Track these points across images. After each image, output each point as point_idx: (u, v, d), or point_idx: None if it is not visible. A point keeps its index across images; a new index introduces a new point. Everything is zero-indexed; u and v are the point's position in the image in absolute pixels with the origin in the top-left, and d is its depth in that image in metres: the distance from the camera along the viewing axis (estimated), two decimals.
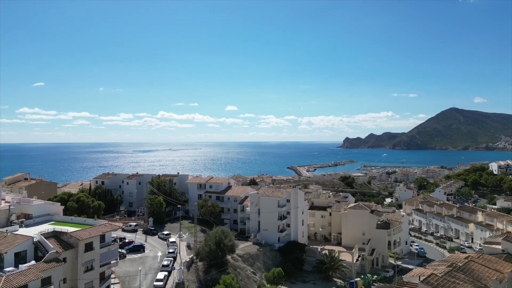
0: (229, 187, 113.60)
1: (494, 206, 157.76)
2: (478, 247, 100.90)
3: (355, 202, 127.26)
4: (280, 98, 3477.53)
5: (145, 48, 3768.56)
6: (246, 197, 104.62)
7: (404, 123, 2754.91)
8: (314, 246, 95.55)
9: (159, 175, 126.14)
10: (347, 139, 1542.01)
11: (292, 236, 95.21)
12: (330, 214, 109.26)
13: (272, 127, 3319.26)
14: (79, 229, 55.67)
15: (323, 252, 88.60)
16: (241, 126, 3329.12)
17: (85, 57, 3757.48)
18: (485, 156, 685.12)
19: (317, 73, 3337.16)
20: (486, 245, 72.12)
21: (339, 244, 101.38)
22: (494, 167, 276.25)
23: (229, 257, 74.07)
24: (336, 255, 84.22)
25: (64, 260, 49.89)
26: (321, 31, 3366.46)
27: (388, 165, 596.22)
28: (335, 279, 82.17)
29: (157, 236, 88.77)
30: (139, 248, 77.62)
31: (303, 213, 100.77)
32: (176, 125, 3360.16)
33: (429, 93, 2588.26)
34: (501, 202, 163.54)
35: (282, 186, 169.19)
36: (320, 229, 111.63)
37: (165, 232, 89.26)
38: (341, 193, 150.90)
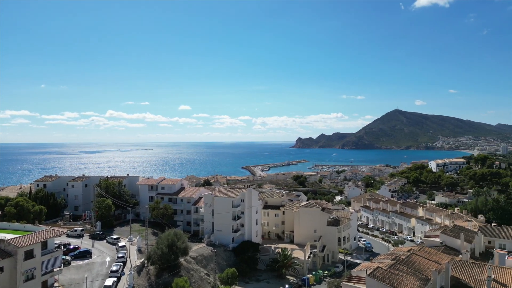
0: (182, 189, 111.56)
1: (433, 202, 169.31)
2: (419, 240, 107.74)
3: (307, 200, 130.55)
4: (235, 99, 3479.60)
5: (92, 45, 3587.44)
6: (200, 198, 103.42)
7: (353, 124, 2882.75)
8: (268, 245, 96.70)
9: (107, 177, 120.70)
10: (299, 139, 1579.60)
11: (246, 236, 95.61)
12: (283, 212, 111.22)
13: (227, 127, 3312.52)
14: (18, 236, 51.95)
15: (277, 250, 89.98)
16: (195, 126, 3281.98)
17: (25, 53, 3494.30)
18: (425, 155, 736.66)
19: (271, 75, 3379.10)
20: (426, 238, 77.49)
21: (292, 242, 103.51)
22: (433, 165, 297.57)
23: (182, 259, 72.73)
24: (289, 253, 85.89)
25: (1, 269, 46.17)
26: (274, 33, 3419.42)
27: (338, 164, 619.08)
28: (288, 277, 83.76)
29: (105, 241, 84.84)
30: (86, 254, 73.70)
31: (257, 213, 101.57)
32: (126, 125, 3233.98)
33: (375, 95, 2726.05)
34: (439, 198, 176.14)
35: (236, 186, 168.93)
36: (274, 228, 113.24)
37: (114, 236, 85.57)
38: (293, 192, 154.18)
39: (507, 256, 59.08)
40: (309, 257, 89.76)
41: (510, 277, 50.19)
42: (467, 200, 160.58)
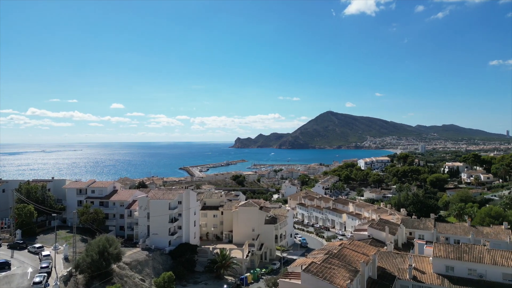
0: (114, 191, 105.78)
1: (362, 198, 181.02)
2: (350, 235, 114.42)
3: (246, 200, 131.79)
4: (172, 97, 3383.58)
5: (9, 36, 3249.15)
6: (134, 201, 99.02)
7: (289, 124, 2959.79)
8: (206, 246, 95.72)
9: (28, 180, 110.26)
10: (238, 139, 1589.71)
11: (184, 238, 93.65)
12: (222, 213, 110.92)
13: (163, 127, 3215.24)
14: None
15: (215, 251, 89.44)
16: (129, 125, 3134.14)
17: None
18: (354, 154, 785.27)
19: (210, 74, 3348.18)
20: (355, 232, 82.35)
21: (230, 242, 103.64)
22: (361, 163, 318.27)
23: (114, 266, 68.96)
24: (228, 253, 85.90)
25: None
26: (212, 32, 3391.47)
27: (275, 163, 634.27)
28: (226, 277, 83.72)
29: (26, 251, 77.29)
30: (4, 266, 66.40)
31: (195, 214, 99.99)
32: (51, 124, 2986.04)
33: (309, 97, 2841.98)
34: (367, 194, 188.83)
35: (173, 187, 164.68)
36: (212, 229, 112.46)
37: (37, 245, 78.32)
38: (232, 192, 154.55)
39: (425, 245, 65.11)
40: (247, 256, 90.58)
41: (428, 264, 55.42)
42: (391, 195, 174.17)
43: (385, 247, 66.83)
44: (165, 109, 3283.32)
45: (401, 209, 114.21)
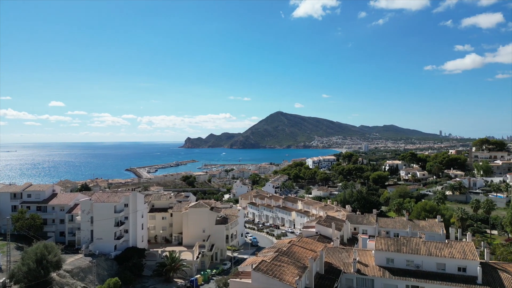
0: (54, 195, 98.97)
1: (310, 195, 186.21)
2: (299, 232, 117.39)
3: (196, 200, 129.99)
4: (117, 95, 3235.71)
5: None
6: (76, 205, 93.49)
7: (240, 124, 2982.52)
8: (154, 249, 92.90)
9: None
10: (188, 139, 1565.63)
11: (131, 242, 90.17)
12: (171, 215, 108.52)
13: (108, 126, 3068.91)
14: None
15: (164, 254, 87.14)
16: (70, 125, 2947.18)
17: None
18: (303, 153, 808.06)
19: (158, 72, 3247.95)
20: (304, 229, 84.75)
21: (180, 244, 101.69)
22: (309, 162, 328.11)
23: (54, 274, 64.58)
24: (177, 255, 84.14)
25: None
26: (160, 30, 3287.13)
27: (226, 163, 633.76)
28: (176, 280, 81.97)
29: None
30: None
31: (143, 217, 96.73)
32: None
33: (260, 97, 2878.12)
34: (315, 192, 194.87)
35: (119, 190, 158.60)
36: (161, 231, 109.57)
37: None
38: (182, 193, 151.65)
39: (368, 240, 68.66)
40: (197, 257, 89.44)
41: (371, 257, 58.50)
42: (337, 192, 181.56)
43: (332, 243, 69.46)
44: (110, 108, 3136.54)
45: (347, 206, 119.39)
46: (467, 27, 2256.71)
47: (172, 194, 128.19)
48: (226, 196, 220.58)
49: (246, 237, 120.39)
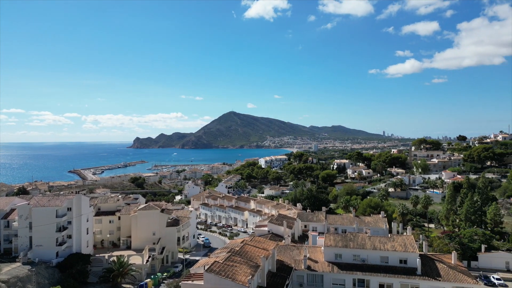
0: None
1: (262, 195, 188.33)
2: (251, 231, 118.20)
3: (146, 202, 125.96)
4: (59, 93, 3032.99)
5: None
6: (13, 210, 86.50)
7: (192, 124, 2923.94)
8: (101, 255, 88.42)
9: None
10: (137, 139, 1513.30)
11: (75, 248, 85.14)
12: (119, 218, 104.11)
13: (49, 126, 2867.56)
14: None
15: (111, 259, 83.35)
16: (5, 123, 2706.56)
17: None
18: (256, 153, 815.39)
19: (103, 69, 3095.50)
20: (256, 228, 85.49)
21: (129, 248, 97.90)
22: (262, 162, 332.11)
23: None
24: (125, 259, 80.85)
25: None
26: (106, 25, 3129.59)
27: (178, 163, 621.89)
28: (125, 285, 78.74)
29: None
30: None
31: (88, 221, 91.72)
32: None
33: (212, 97, 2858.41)
34: (267, 191, 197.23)
35: (62, 193, 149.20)
36: (108, 235, 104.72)
37: None
38: (131, 195, 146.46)
39: (318, 236, 70.80)
40: (147, 261, 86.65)
41: (320, 253, 60.39)
42: (288, 191, 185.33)
43: (283, 241, 70.76)
44: (50, 106, 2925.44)
45: (297, 204, 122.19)
46: (407, 34, 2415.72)
47: (120, 196, 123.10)
48: (178, 198, 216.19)
49: (198, 238, 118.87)
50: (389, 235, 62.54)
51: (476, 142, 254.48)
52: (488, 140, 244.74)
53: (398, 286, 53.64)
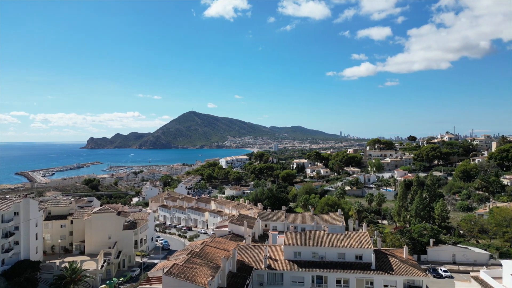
0: None
1: (223, 195, 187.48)
2: (212, 232, 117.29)
3: (101, 205, 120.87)
4: (4, 90, 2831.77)
5: None
6: None
7: (150, 124, 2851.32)
8: (52, 261, 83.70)
9: None
10: (91, 139, 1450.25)
11: (23, 254, 79.94)
12: (72, 222, 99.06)
13: None
14: None
15: (63, 265, 79.11)
16: None
17: None
18: (216, 153, 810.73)
19: (53, 65, 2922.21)
20: (217, 229, 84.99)
21: (82, 253, 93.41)
22: (223, 162, 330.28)
23: None
24: (78, 265, 77.08)
25: None
26: (58, 19, 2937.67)
27: (135, 164, 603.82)
28: None
29: None
30: None
31: (37, 226, 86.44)
32: None
33: (171, 96, 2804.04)
34: (228, 191, 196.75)
35: (7, 196, 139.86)
36: (60, 241, 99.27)
37: None
38: (85, 198, 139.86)
39: (278, 235, 71.67)
40: (102, 266, 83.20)
41: (280, 252, 61.15)
42: (249, 191, 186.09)
43: (244, 241, 70.88)
44: None
45: (258, 204, 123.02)
46: (362, 38, 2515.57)
47: (72, 199, 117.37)
48: (135, 200, 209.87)
49: (157, 241, 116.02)
50: (346, 232, 64.64)
51: (425, 142, 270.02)
52: (436, 140, 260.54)
53: (354, 281, 55.60)
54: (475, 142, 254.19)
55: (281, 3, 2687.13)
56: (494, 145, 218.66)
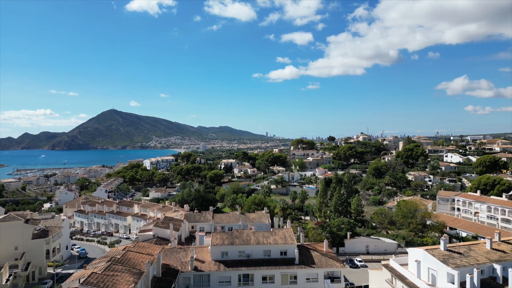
0: None
1: (147, 198, 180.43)
2: (135, 237, 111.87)
3: (6, 213, 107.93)
4: None
5: None
6: None
7: (65, 123, 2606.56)
8: None
9: None
10: None
11: None
12: None
13: None
14: None
15: None
16: None
17: None
18: (140, 154, 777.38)
19: None
20: (140, 233, 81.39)
21: None
22: (147, 163, 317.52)
23: None
24: None
25: None
26: None
27: (47, 167, 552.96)
28: None
29: None
30: None
31: None
32: None
33: (89, 93, 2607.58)
34: (153, 194, 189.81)
35: None
36: None
37: None
38: None
39: (205, 236, 71.02)
40: (7, 280, 74.23)
41: (207, 253, 60.62)
42: (176, 192, 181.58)
43: (170, 244, 68.89)
44: None
45: (185, 205, 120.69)
46: (286, 42, 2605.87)
47: None
48: (47, 205, 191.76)
49: (72, 249, 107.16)
50: (271, 230, 66.47)
51: (343, 142, 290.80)
52: (352, 140, 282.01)
53: (279, 277, 57.43)
54: (385, 142, 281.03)
55: (207, 2, 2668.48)
56: (401, 144, 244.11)
